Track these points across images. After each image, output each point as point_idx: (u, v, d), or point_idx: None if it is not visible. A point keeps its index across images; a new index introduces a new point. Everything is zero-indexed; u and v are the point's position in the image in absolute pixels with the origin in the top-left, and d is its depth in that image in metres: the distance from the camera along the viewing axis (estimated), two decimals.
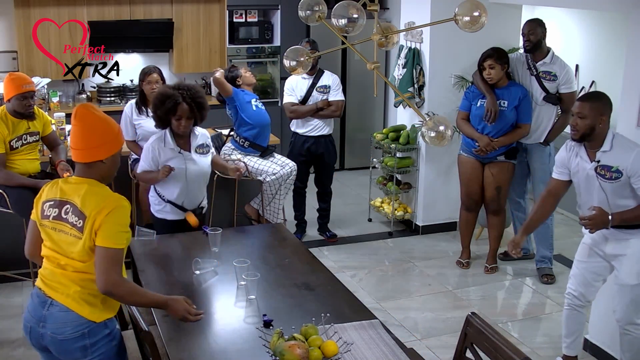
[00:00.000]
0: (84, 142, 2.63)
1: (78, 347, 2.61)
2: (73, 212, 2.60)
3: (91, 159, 2.64)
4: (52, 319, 2.61)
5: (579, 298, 3.75)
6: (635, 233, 3.46)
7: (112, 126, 2.70)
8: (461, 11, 2.75)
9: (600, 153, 3.43)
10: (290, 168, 5.38)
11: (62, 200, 2.64)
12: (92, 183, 2.65)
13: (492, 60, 4.88)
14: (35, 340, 2.68)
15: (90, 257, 2.59)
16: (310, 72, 5.53)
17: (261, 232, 4.29)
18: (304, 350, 2.53)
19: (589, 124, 3.38)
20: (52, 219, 2.64)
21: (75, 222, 2.59)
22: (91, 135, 2.64)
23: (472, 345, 2.70)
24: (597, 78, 6.39)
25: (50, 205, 2.66)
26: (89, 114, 2.66)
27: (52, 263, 2.67)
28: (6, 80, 4.32)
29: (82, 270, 2.61)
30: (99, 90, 6.85)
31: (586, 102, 3.43)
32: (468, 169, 5.20)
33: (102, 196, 2.61)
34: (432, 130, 2.74)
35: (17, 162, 4.40)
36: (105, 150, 2.65)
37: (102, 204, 2.57)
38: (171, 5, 6.84)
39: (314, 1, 3.10)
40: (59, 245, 2.63)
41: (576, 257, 3.77)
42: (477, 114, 5.02)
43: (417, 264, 5.48)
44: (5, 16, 6.46)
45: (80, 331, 2.60)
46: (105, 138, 2.65)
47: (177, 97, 3.93)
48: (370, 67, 2.90)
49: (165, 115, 4.00)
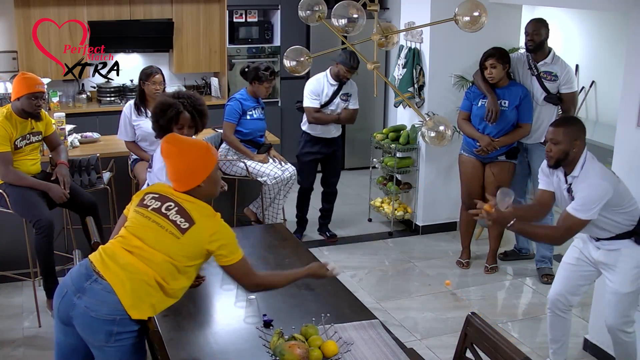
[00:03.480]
0: (177, 174, 2.73)
1: (105, 330, 2.58)
2: (178, 212, 2.65)
3: (189, 187, 2.72)
4: (92, 293, 2.57)
5: (563, 302, 3.73)
6: (626, 244, 3.47)
7: (198, 149, 2.75)
8: (461, 11, 2.75)
9: (571, 177, 3.46)
10: (290, 173, 5.40)
11: (166, 196, 2.71)
12: (198, 202, 2.73)
13: (494, 60, 4.88)
14: (64, 308, 2.62)
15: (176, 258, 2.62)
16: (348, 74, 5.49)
17: (261, 232, 4.28)
18: (304, 350, 2.53)
19: (563, 149, 3.39)
20: (152, 209, 2.68)
21: (179, 222, 2.63)
22: (180, 166, 2.72)
23: (472, 345, 2.70)
24: (597, 78, 6.39)
25: (154, 197, 2.73)
26: (172, 148, 2.75)
27: (122, 244, 2.67)
28: (18, 79, 4.31)
29: (155, 268, 2.61)
30: (99, 90, 6.85)
31: (559, 128, 3.43)
32: (469, 168, 5.20)
33: (210, 216, 2.70)
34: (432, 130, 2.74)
35: (19, 162, 4.40)
36: (198, 176, 2.71)
37: (211, 223, 2.67)
38: (171, 5, 6.83)
39: (314, 1, 3.11)
40: (145, 232, 2.65)
41: (564, 259, 3.77)
42: (478, 114, 5.02)
43: (417, 264, 5.48)
44: (5, 16, 6.46)
45: (114, 315, 2.57)
46: (194, 165, 2.72)
47: (178, 105, 3.90)
48: (370, 67, 2.90)
49: (168, 125, 3.98)
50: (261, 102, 5.49)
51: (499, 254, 5.49)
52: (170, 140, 2.79)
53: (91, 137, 5.52)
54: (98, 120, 6.49)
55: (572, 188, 3.45)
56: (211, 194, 2.80)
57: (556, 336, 3.83)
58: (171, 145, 2.76)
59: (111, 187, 4.97)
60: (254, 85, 5.33)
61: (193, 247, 2.64)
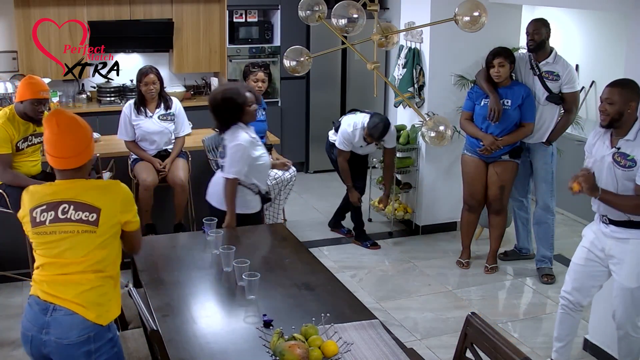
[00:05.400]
0: (71, 150, 2.61)
1: (83, 353, 2.56)
2: (76, 208, 2.57)
3: (81, 164, 2.64)
4: (56, 323, 2.55)
5: (573, 303, 3.74)
6: (634, 233, 3.46)
7: (86, 125, 2.69)
8: (461, 11, 2.75)
9: (623, 141, 3.42)
10: (290, 174, 5.39)
11: (56, 201, 2.59)
12: (85, 179, 2.66)
13: (502, 59, 4.87)
14: (37, 349, 2.60)
15: (105, 249, 2.60)
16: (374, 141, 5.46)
17: (261, 232, 4.29)
18: (304, 350, 2.53)
19: (618, 109, 3.37)
20: (49, 223, 2.58)
21: (85, 217, 2.56)
22: (77, 141, 2.62)
23: (472, 345, 2.70)
24: (597, 78, 6.39)
25: (42, 210, 2.60)
26: (69, 120, 2.63)
27: (50, 272, 2.61)
28: (25, 82, 4.28)
29: (91, 270, 2.58)
30: (99, 90, 6.85)
31: (615, 88, 3.40)
32: (472, 168, 5.19)
33: (105, 187, 2.66)
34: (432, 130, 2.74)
35: (20, 163, 4.40)
36: (90, 152, 2.67)
37: (112, 195, 2.63)
38: (171, 5, 6.83)
39: (314, 1, 3.10)
40: (62, 247, 2.58)
41: (573, 260, 3.76)
42: (481, 114, 5.02)
43: (417, 264, 5.48)
44: (5, 16, 6.46)
45: (86, 334, 2.56)
46: (88, 140, 2.67)
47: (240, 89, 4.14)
48: (370, 67, 2.90)
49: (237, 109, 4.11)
50: (262, 103, 5.49)
51: (499, 254, 5.49)
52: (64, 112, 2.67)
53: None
54: (98, 120, 6.48)
55: (622, 152, 3.40)
56: (88, 172, 2.74)
57: (561, 335, 3.84)
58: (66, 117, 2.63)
59: None
60: (247, 82, 5.36)
61: (110, 227, 2.62)
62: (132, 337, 3.23)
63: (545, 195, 5.13)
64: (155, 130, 5.16)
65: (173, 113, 5.23)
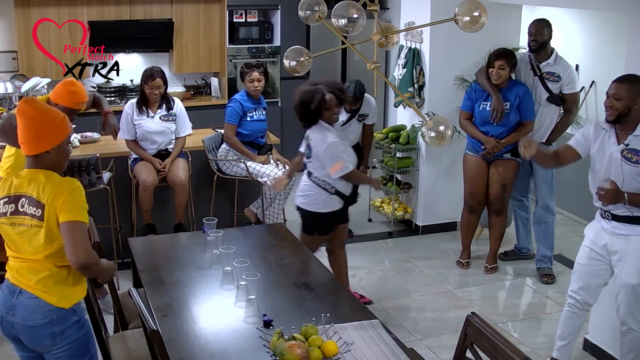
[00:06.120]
0: (28, 135, 2.69)
1: (47, 334, 2.68)
2: (30, 204, 2.67)
3: (37, 151, 2.70)
4: (21, 306, 2.69)
5: (581, 302, 3.75)
6: (636, 229, 3.46)
7: (54, 117, 2.73)
8: (461, 11, 2.75)
9: (632, 137, 3.41)
10: None
11: (17, 194, 2.70)
12: (45, 173, 2.70)
13: (504, 61, 4.86)
14: (7, 330, 2.76)
15: (54, 243, 2.66)
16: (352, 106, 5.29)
17: (261, 232, 4.29)
18: (304, 350, 2.53)
19: (626, 104, 3.36)
20: (10, 215, 2.70)
21: (35, 212, 2.65)
22: (33, 128, 2.68)
23: (472, 345, 2.70)
24: (597, 78, 6.39)
25: (5, 202, 2.72)
26: (29, 108, 2.70)
27: (16, 259, 2.75)
28: (67, 88, 4.14)
29: (48, 260, 2.69)
30: (99, 90, 6.83)
31: (623, 84, 3.39)
32: (473, 167, 5.19)
33: (55, 183, 2.69)
34: (432, 130, 2.74)
35: None
36: (48, 141, 2.69)
37: (57, 190, 2.65)
38: (171, 5, 6.83)
39: (314, 1, 3.11)
40: (18, 241, 2.70)
41: (577, 260, 3.77)
42: (480, 117, 5.02)
43: (417, 264, 5.48)
44: (5, 16, 6.45)
45: (49, 317, 2.67)
46: (47, 129, 2.69)
47: (321, 89, 4.07)
48: (370, 67, 2.90)
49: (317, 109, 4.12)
50: (263, 103, 5.48)
51: (499, 254, 5.49)
52: (29, 101, 2.74)
53: (91, 137, 5.52)
54: (98, 120, 6.44)
55: (633, 148, 3.38)
56: (58, 166, 2.77)
57: (564, 333, 3.85)
58: (29, 106, 2.71)
59: (111, 187, 4.97)
60: (244, 84, 5.36)
61: (54, 220, 2.66)
62: (132, 337, 3.23)
63: (545, 195, 5.13)
64: (157, 130, 5.16)
65: (174, 113, 5.23)
